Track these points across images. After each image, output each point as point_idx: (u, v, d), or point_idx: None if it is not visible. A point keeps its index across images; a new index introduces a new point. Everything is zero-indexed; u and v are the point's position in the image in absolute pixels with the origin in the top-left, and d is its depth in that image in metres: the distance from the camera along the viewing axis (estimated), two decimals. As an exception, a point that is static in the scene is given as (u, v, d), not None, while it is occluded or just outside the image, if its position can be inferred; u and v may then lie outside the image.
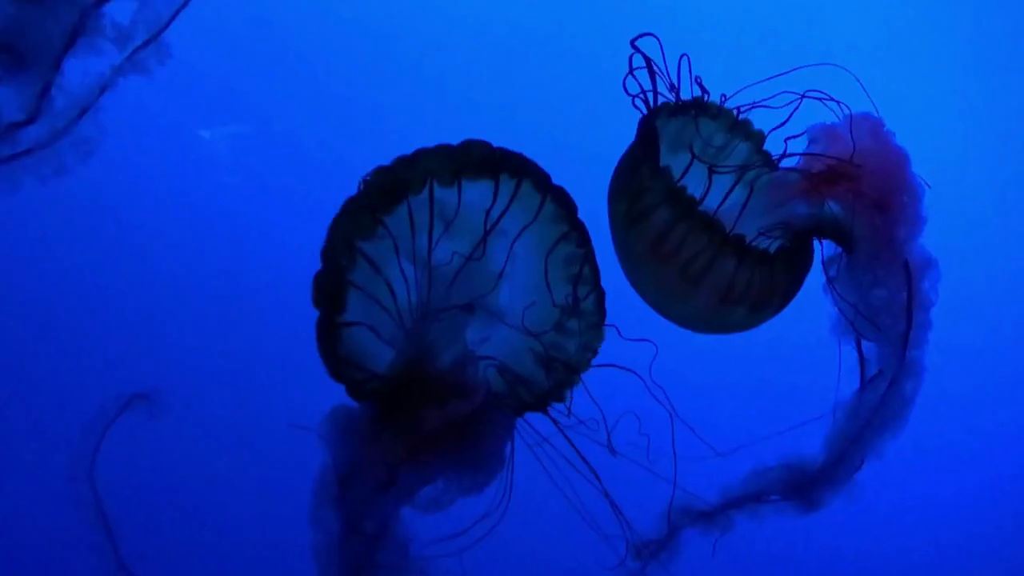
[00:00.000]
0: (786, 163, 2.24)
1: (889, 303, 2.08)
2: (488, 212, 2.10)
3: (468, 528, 2.10)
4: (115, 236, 5.04)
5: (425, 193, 2.05)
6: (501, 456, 2.06)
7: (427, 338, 2.06)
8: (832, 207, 2.11)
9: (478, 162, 2.05)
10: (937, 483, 6.10)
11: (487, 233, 2.12)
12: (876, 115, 2.13)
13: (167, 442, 4.46)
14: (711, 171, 2.19)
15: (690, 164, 2.18)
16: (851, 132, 2.06)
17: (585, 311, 2.15)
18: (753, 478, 2.19)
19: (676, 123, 2.22)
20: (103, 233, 4.99)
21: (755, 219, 2.21)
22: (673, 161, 2.19)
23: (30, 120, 1.76)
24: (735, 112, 2.25)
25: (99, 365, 4.77)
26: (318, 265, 2.03)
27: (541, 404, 2.17)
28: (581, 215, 2.15)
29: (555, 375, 2.16)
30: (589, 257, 2.14)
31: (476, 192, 2.09)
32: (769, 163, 2.28)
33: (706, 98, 2.21)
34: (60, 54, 1.74)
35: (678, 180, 2.11)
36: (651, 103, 2.14)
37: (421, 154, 2.04)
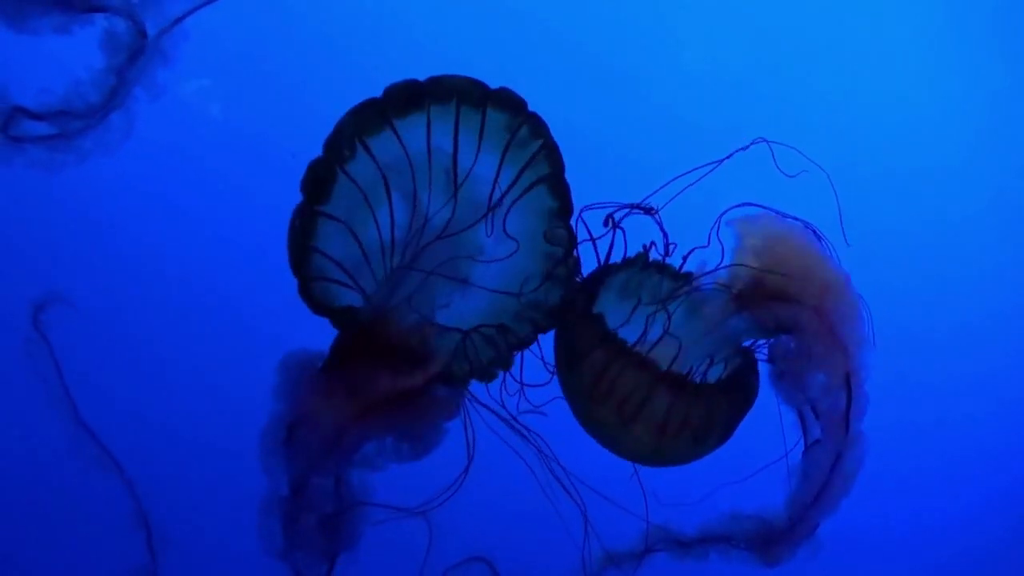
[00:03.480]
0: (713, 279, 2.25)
1: (828, 387, 2.11)
2: (495, 182, 2.10)
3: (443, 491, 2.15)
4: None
5: (442, 110, 2.03)
6: (442, 427, 2.06)
7: (398, 289, 2.05)
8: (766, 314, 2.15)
9: (502, 99, 2.04)
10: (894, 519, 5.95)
11: (493, 207, 2.12)
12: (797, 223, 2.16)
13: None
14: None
15: (634, 309, 2.29)
16: (777, 242, 2.11)
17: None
18: (726, 522, 2.23)
19: (623, 275, 2.29)
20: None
21: (697, 343, 2.26)
22: (620, 307, 2.29)
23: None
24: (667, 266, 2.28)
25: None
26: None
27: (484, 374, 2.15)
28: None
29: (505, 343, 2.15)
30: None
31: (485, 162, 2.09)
32: (697, 287, 2.28)
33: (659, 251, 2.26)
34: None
35: (622, 324, 2.24)
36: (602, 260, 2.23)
37: (448, 76, 2.03)
